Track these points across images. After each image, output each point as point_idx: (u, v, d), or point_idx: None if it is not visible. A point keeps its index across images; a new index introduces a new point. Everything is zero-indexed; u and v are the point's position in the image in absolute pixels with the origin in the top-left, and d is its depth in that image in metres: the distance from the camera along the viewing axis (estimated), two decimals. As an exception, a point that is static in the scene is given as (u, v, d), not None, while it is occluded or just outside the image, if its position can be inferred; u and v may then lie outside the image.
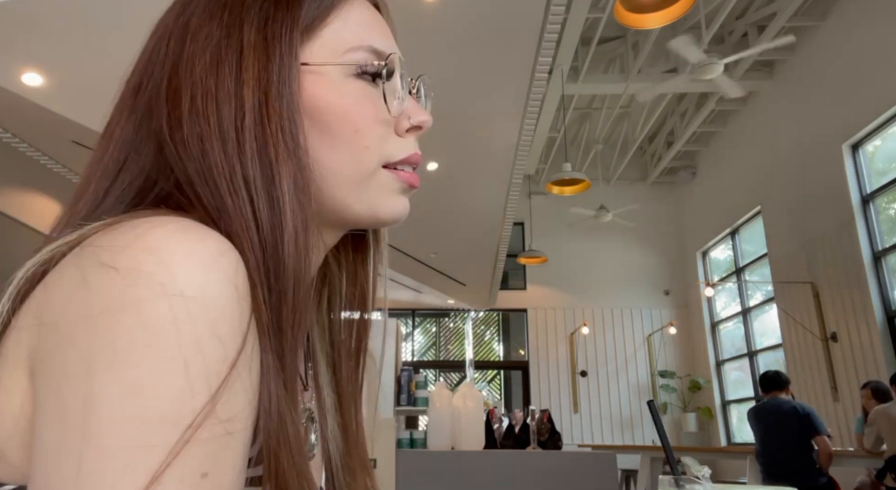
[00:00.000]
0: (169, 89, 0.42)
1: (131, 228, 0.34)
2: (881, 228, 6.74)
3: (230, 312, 0.33)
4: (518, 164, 5.84)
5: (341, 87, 0.45)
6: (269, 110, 0.41)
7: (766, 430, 4.49)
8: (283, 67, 0.42)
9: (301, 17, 0.44)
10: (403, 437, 2.35)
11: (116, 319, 0.31)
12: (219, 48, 0.42)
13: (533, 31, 4.01)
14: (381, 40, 0.48)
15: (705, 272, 10.82)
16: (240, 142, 0.40)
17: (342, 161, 0.44)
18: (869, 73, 6.56)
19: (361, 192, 0.46)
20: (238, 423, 0.33)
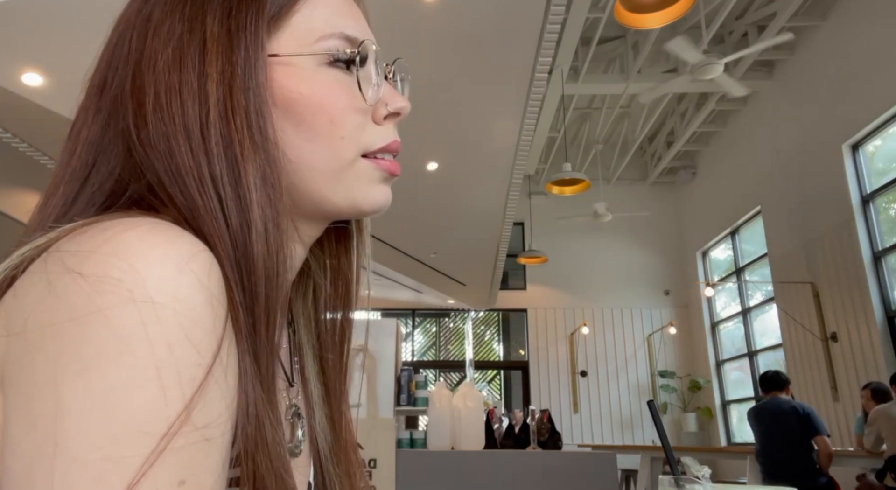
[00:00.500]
0: (133, 87, 0.41)
1: (100, 232, 0.33)
2: (881, 228, 6.74)
3: (203, 316, 0.33)
4: (518, 164, 5.84)
5: (313, 76, 0.43)
6: (233, 104, 0.40)
7: (766, 430, 4.49)
8: (249, 59, 0.40)
9: (267, 7, 0.42)
10: (403, 437, 2.35)
11: (84, 327, 0.30)
12: (181, 42, 0.40)
13: (533, 31, 4.01)
14: (353, 26, 0.46)
15: (705, 272, 10.82)
16: (205, 138, 0.39)
17: (319, 153, 0.43)
18: (869, 73, 6.56)
19: (340, 183, 0.44)
20: (216, 428, 0.32)
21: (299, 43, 0.43)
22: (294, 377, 0.50)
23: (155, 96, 0.40)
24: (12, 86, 4.03)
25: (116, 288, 0.31)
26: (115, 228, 0.33)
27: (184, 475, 0.30)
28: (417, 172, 5.95)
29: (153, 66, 0.40)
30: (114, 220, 0.35)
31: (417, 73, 2.07)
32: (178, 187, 0.39)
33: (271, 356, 0.39)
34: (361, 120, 0.45)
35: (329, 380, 0.52)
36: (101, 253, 0.32)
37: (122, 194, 0.41)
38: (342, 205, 0.45)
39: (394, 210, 1.89)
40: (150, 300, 0.31)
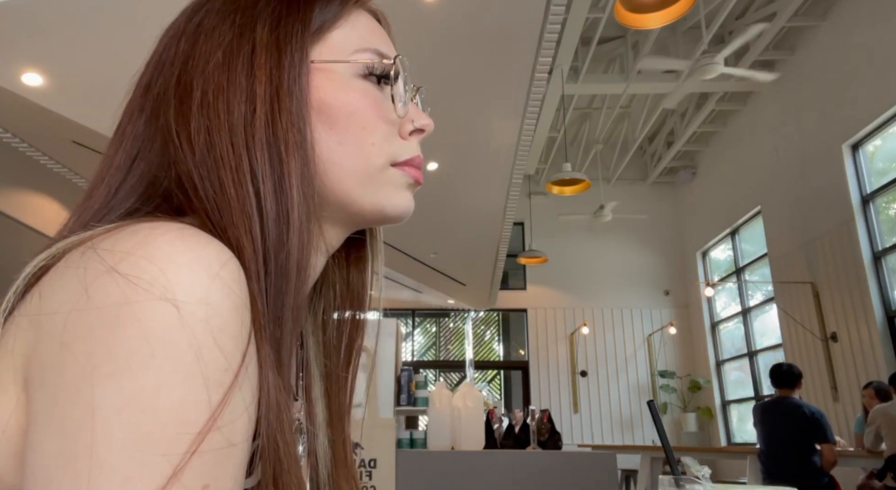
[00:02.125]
0: (178, 85, 0.43)
1: (132, 234, 0.34)
2: (881, 228, 6.74)
3: (231, 322, 0.33)
4: (518, 164, 5.84)
5: (349, 84, 0.46)
6: (280, 105, 0.42)
7: (771, 429, 4.46)
8: (294, 65, 0.43)
9: (311, 21, 0.45)
10: (403, 437, 2.35)
11: (117, 329, 0.30)
12: (231, 46, 0.43)
13: (533, 31, 4.01)
14: (386, 47, 0.49)
15: (705, 272, 10.82)
16: (249, 134, 0.41)
17: (349, 156, 0.45)
18: (869, 73, 6.56)
19: (368, 186, 0.46)
20: (239, 434, 0.32)
21: (338, 54, 0.46)
22: (299, 393, 0.51)
23: (202, 94, 0.42)
24: (12, 86, 4.03)
25: (150, 290, 0.31)
26: (146, 231, 0.34)
27: (208, 479, 0.31)
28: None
29: (202, 67, 0.43)
30: (143, 223, 0.35)
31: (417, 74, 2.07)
32: (210, 180, 0.40)
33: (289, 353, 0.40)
34: (389, 131, 0.48)
35: (333, 402, 0.53)
36: (136, 255, 0.32)
37: (158, 187, 0.43)
38: (367, 208, 0.47)
39: (394, 210, 1.82)
40: (182, 304, 0.31)
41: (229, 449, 0.32)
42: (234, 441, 0.32)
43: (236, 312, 0.34)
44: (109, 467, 0.29)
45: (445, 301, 10.57)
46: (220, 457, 0.31)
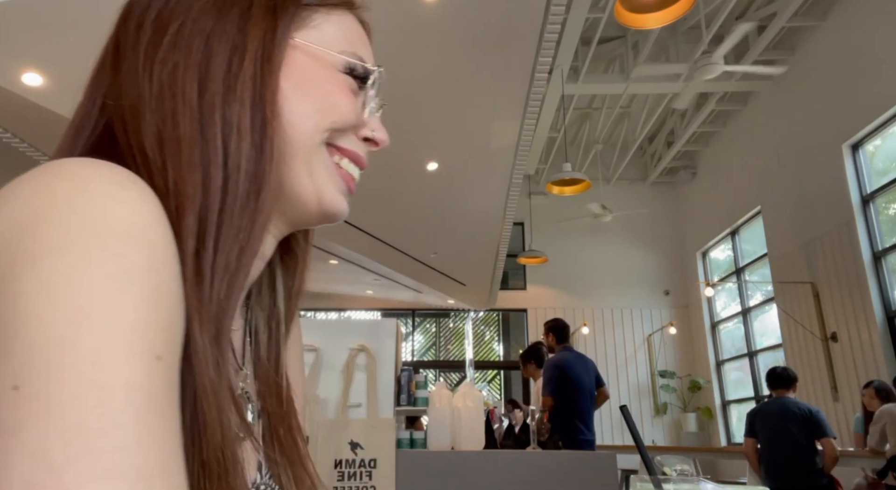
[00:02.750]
0: (157, 19, 0.42)
1: (51, 165, 0.34)
2: (881, 228, 6.74)
3: (155, 222, 0.33)
4: (518, 164, 5.84)
5: (332, 73, 0.47)
6: (271, 67, 0.43)
7: (771, 430, 4.47)
8: (287, 34, 0.45)
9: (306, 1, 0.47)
10: (403, 437, 2.35)
11: (30, 228, 0.30)
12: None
13: (533, 31, 4.01)
14: (368, 56, 0.51)
15: (705, 272, 10.82)
16: (229, 85, 0.41)
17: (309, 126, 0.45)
18: (869, 73, 6.56)
19: (311, 168, 0.46)
20: (177, 320, 0.32)
21: (326, 45, 0.47)
22: (245, 362, 0.50)
23: (180, 27, 0.42)
24: (12, 86, 4.03)
25: (61, 194, 0.31)
26: (62, 162, 0.34)
27: (160, 351, 0.30)
28: (417, 172, 5.94)
29: (189, 4, 0.43)
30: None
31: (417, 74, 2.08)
32: (163, 116, 0.40)
33: (232, 312, 0.39)
34: (353, 123, 0.48)
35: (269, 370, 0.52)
36: (47, 174, 0.33)
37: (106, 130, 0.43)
38: (309, 191, 0.46)
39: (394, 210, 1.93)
40: (98, 202, 0.31)
41: (171, 327, 0.32)
42: (173, 322, 0.32)
43: (158, 218, 0.34)
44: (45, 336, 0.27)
45: (445, 301, 10.57)
46: (166, 330, 0.31)
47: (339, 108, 0.47)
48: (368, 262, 8.08)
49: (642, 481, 0.71)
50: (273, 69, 0.43)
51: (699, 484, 0.71)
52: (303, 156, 0.45)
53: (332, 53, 0.47)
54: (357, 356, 1.88)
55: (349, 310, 11.36)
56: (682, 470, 0.71)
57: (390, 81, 0.53)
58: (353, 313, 11.40)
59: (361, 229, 6.96)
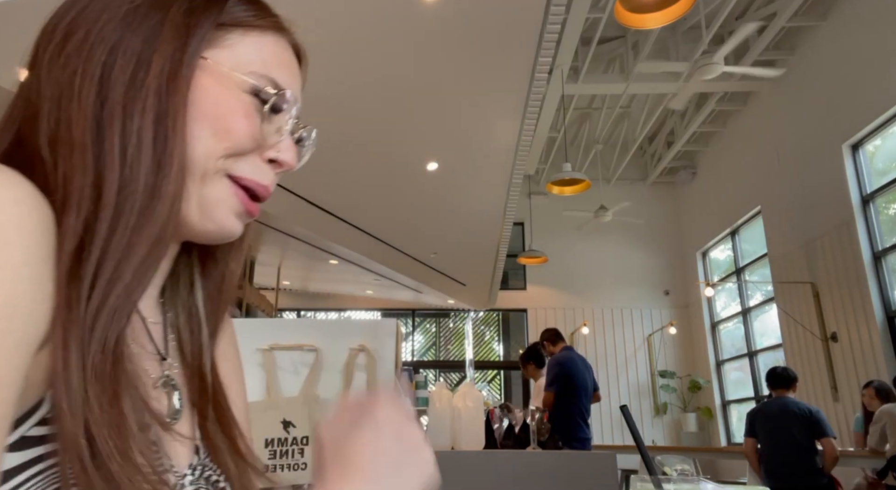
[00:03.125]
0: (68, 26, 0.44)
1: None
2: (881, 228, 6.74)
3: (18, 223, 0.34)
4: (518, 164, 5.84)
5: (232, 92, 0.47)
6: (176, 84, 0.43)
7: (771, 430, 4.47)
8: (196, 53, 0.45)
9: (222, 15, 0.47)
10: (403, 437, 2.35)
11: None
12: (139, 10, 0.44)
13: (533, 31, 4.01)
14: (285, 79, 0.50)
15: (705, 272, 10.82)
16: (129, 97, 0.42)
17: (199, 150, 0.45)
18: (869, 73, 6.56)
19: (200, 190, 0.46)
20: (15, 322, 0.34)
21: (235, 65, 0.47)
22: (168, 351, 0.52)
23: (86, 34, 0.42)
24: (12, 86, 4.03)
25: None
26: None
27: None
28: (417, 172, 5.94)
29: (98, 13, 0.43)
30: None
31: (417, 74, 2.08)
32: (58, 118, 0.41)
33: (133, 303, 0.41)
34: (251, 148, 0.48)
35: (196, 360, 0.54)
36: None
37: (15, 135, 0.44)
38: (192, 213, 0.46)
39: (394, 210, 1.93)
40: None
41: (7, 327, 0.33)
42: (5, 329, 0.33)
43: (26, 220, 0.35)
44: None
45: (445, 301, 10.57)
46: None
47: (232, 132, 0.46)
48: (368, 262, 8.08)
49: (642, 481, 0.71)
50: (179, 87, 0.43)
51: (699, 484, 0.71)
52: (195, 178, 0.45)
53: (239, 75, 0.47)
54: (357, 356, 1.88)
55: (349, 310, 11.36)
56: (682, 470, 0.71)
57: (391, 81, 0.53)
58: (353, 313, 11.40)
59: (361, 229, 6.96)
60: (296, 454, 1.79)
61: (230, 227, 0.49)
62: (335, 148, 5.38)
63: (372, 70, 4.35)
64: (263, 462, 1.84)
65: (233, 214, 0.48)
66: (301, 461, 1.78)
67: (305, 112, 0.53)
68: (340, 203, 6.42)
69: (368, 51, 4.13)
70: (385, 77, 4.43)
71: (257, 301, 8.27)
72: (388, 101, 4.76)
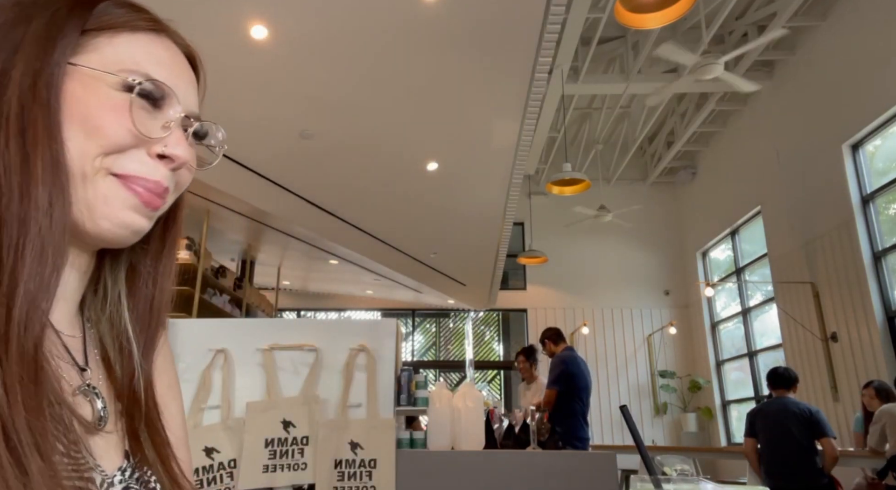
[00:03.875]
0: None
1: None
2: (881, 228, 6.74)
3: None
4: (518, 164, 5.84)
5: (101, 91, 0.46)
6: (35, 95, 0.43)
7: (771, 430, 4.47)
8: (58, 62, 0.45)
9: (87, 24, 0.47)
10: (403, 437, 2.35)
11: None
12: (3, 29, 0.44)
13: (533, 31, 4.01)
14: (164, 74, 0.50)
15: (705, 272, 10.82)
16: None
17: (73, 152, 0.45)
18: (869, 73, 6.56)
19: (83, 192, 0.46)
20: None
21: (103, 66, 0.47)
22: (89, 363, 0.52)
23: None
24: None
25: None
26: None
27: None
28: (417, 172, 5.95)
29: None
30: None
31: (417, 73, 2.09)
32: None
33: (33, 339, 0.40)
34: (130, 143, 0.47)
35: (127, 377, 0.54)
36: None
37: None
38: (83, 216, 0.46)
39: (394, 210, 1.93)
40: None
41: None
42: None
43: None
44: None
45: (445, 301, 10.57)
46: None
47: (102, 129, 0.46)
48: (368, 262, 8.08)
49: (642, 481, 0.71)
50: (40, 95, 0.43)
51: (699, 484, 0.71)
52: (76, 181, 0.45)
53: (108, 74, 0.47)
54: (357, 356, 1.88)
55: (349, 310, 11.36)
56: (682, 470, 0.72)
57: (391, 81, 0.53)
58: (353, 313, 11.40)
59: (361, 229, 6.96)
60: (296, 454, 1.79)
61: (128, 221, 0.48)
62: (335, 148, 5.38)
63: (372, 70, 4.35)
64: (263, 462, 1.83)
65: (128, 208, 0.48)
66: (301, 461, 1.78)
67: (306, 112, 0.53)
68: (340, 203, 6.43)
69: (368, 51, 4.13)
70: (385, 77, 4.43)
71: (257, 301, 8.27)
72: (388, 102, 4.76)
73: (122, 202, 0.47)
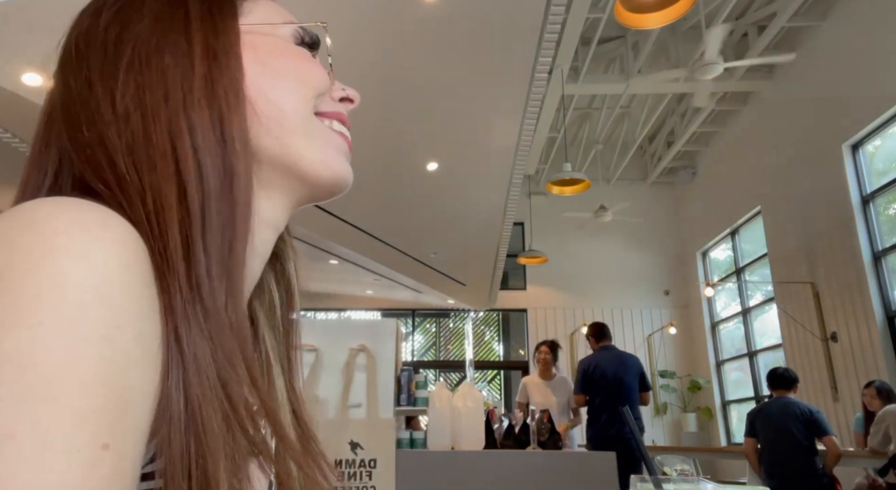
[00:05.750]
0: (103, 48, 0.43)
1: (13, 212, 0.33)
2: (881, 228, 6.74)
3: (118, 279, 0.32)
4: (518, 164, 5.84)
5: (288, 46, 0.49)
6: (218, 63, 0.43)
7: (771, 430, 4.48)
8: (228, 28, 0.45)
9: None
10: (403, 437, 2.35)
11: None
12: (163, 14, 0.44)
13: (533, 31, 4.01)
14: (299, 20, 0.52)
15: (705, 272, 10.82)
16: (186, 91, 0.41)
17: (294, 100, 0.46)
18: (869, 73, 6.56)
19: (309, 138, 0.47)
20: (137, 392, 0.31)
21: (269, 20, 0.49)
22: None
23: (133, 51, 0.42)
24: (12, 86, 4.03)
25: (29, 249, 0.30)
26: (25, 207, 0.33)
27: (107, 438, 0.29)
28: (417, 172, 5.94)
29: (133, 28, 0.43)
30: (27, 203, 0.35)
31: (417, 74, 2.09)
32: (135, 136, 0.40)
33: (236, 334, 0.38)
34: (322, 88, 0.49)
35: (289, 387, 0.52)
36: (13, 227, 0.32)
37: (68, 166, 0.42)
38: (315, 162, 0.47)
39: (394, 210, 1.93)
40: (58, 262, 0.30)
41: (127, 407, 0.30)
42: (130, 400, 0.30)
43: (125, 270, 0.32)
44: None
45: (445, 301, 10.56)
46: (118, 415, 0.29)
47: (314, 75, 0.48)
48: (368, 262, 8.08)
49: (642, 481, 0.71)
50: (221, 65, 0.43)
51: (699, 484, 0.71)
52: (299, 131, 0.46)
53: (280, 27, 0.49)
54: (357, 356, 1.88)
55: (349, 310, 11.36)
56: (682, 470, 0.72)
57: (391, 81, 0.54)
58: (353, 313, 11.40)
59: (361, 229, 6.96)
60: (296, 454, 1.79)
61: (348, 170, 0.50)
62: (335, 148, 5.38)
63: (371, 70, 4.35)
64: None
65: (342, 156, 0.49)
66: (301, 461, 1.78)
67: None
68: (340, 203, 6.42)
69: (368, 50, 4.13)
70: (385, 77, 4.43)
71: (257, 301, 8.26)
72: (387, 101, 4.76)
73: (337, 148, 0.49)
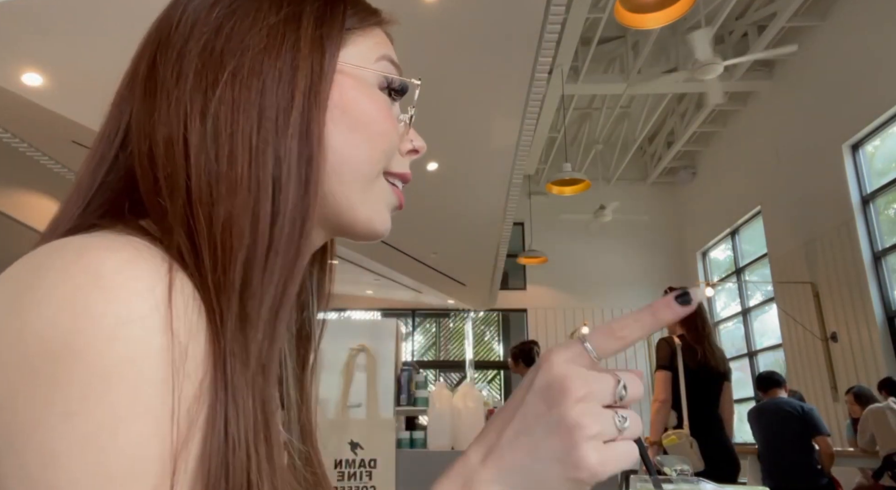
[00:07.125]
0: (204, 52, 0.41)
1: (63, 249, 0.32)
2: (881, 228, 6.74)
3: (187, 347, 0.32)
4: (518, 164, 5.84)
5: (371, 92, 0.47)
6: (317, 100, 0.42)
7: (768, 430, 4.49)
8: (331, 64, 0.44)
9: (345, 24, 0.47)
10: (403, 437, 2.35)
11: (61, 364, 0.29)
12: (276, 31, 0.42)
13: (533, 31, 4.01)
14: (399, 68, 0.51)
15: (705, 272, 10.82)
16: (281, 122, 0.40)
17: (362, 159, 0.45)
18: (869, 73, 6.56)
19: (368, 194, 0.46)
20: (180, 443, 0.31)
21: (362, 61, 0.47)
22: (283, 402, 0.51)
23: (237, 66, 0.40)
24: (12, 86, 4.03)
25: (89, 319, 0.29)
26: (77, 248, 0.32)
27: (156, 484, 0.29)
28: (417, 172, 5.88)
29: (241, 39, 0.41)
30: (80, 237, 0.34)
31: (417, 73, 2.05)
32: (218, 156, 0.38)
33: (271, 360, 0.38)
34: (394, 144, 0.48)
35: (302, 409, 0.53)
36: (66, 283, 0.31)
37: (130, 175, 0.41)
38: (361, 217, 0.46)
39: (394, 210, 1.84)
40: (124, 332, 0.30)
41: (169, 457, 0.30)
42: (172, 448, 0.31)
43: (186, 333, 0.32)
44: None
45: (445, 301, 10.56)
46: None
47: (387, 136, 0.47)
48: (368, 262, 8.08)
49: (642, 481, 0.71)
50: (321, 101, 0.42)
51: (699, 484, 0.71)
52: (358, 188, 0.45)
53: (371, 70, 0.47)
54: (357, 356, 1.88)
55: (349, 310, 11.36)
56: (682, 470, 0.72)
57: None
58: (353, 313, 11.40)
59: (361, 229, 6.95)
60: (296, 454, 1.79)
61: (388, 226, 0.49)
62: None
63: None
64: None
65: (389, 211, 0.49)
66: (301, 461, 1.78)
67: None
68: (340, 203, 6.42)
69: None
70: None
71: (257, 301, 8.27)
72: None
73: (388, 205, 0.49)
